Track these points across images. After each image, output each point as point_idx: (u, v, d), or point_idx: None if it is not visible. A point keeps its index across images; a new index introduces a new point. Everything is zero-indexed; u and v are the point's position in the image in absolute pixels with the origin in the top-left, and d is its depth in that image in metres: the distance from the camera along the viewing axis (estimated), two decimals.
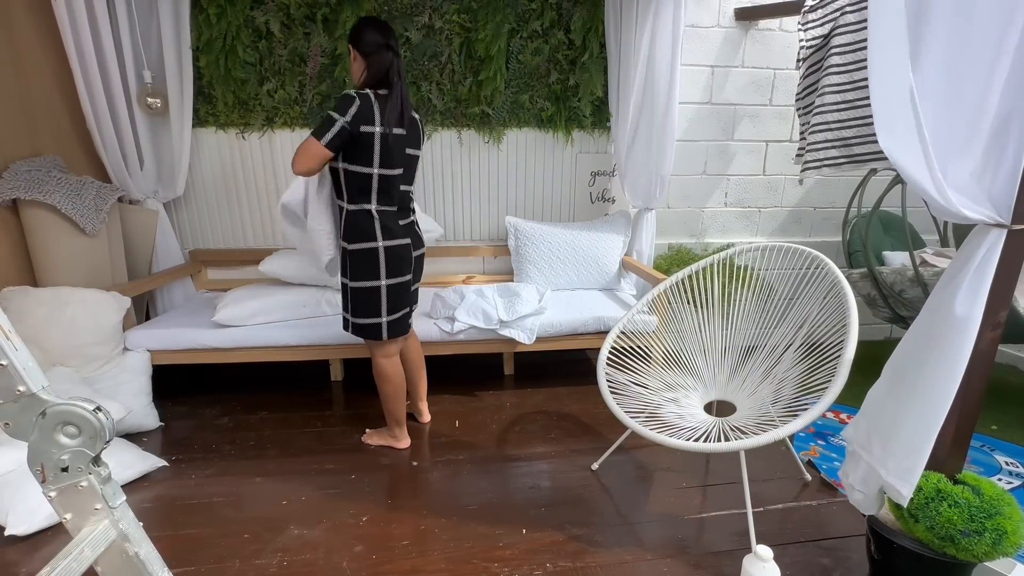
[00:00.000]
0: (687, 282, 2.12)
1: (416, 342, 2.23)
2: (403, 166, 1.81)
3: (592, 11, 2.75)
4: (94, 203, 2.23)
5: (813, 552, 1.59)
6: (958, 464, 1.37)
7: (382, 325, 1.88)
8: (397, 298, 1.88)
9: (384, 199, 1.80)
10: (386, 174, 1.77)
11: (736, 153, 3.10)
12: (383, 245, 1.79)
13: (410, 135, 1.82)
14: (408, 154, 1.83)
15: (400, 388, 2.04)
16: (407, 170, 1.85)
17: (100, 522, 0.79)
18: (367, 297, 1.84)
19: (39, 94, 2.28)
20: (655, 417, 1.78)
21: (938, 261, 2.48)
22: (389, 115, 1.71)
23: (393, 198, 1.82)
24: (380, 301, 1.84)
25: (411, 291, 1.96)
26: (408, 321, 1.99)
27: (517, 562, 1.54)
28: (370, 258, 1.80)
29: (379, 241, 1.79)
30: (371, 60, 1.74)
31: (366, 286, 1.82)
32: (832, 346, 1.62)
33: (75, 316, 2.06)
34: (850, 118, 2.11)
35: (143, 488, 1.88)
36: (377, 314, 1.86)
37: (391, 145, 1.74)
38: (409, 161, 1.84)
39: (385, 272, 1.81)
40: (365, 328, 1.89)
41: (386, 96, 1.73)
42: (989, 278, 1.15)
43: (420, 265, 2.00)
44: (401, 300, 1.90)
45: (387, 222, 1.81)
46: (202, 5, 2.52)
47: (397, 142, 1.76)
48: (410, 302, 1.98)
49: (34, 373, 0.74)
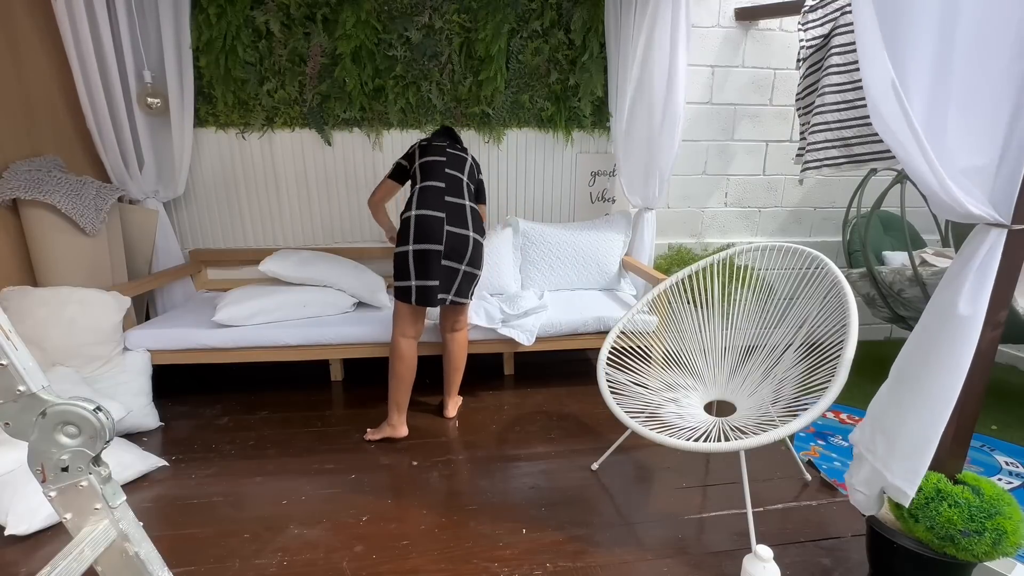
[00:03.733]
0: (687, 282, 2.12)
1: (463, 337, 2.29)
2: (443, 180, 2.10)
3: (592, 11, 2.75)
4: (94, 203, 2.23)
5: (813, 552, 1.59)
6: (958, 464, 1.37)
7: (411, 288, 2.02)
8: (425, 265, 2.01)
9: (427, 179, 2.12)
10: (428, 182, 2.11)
11: (736, 153, 3.10)
12: (415, 214, 2.01)
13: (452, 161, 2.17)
14: (448, 173, 2.13)
15: (407, 371, 2.11)
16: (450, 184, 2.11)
17: (100, 522, 0.79)
18: (400, 261, 2.03)
19: (39, 94, 2.28)
20: (655, 417, 1.78)
21: (938, 261, 2.48)
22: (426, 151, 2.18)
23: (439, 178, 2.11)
24: (408, 265, 2.01)
25: (443, 265, 2.04)
26: (439, 295, 2.06)
27: (517, 562, 1.54)
28: (404, 227, 2.03)
29: (412, 210, 2.02)
30: None
31: (399, 251, 2.03)
32: (832, 346, 1.62)
33: (75, 316, 2.06)
34: (850, 118, 2.11)
35: (143, 488, 1.88)
36: (407, 276, 2.02)
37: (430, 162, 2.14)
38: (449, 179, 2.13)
39: (413, 238, 2.00)
40: (399, 291, 2.05)
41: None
42: (991, 278, 1.15)
43: (462, 244, 2.06)
44: (428, 268, 2.01)
45: (424, 195, 2.05)
46: (202, 5, 2.52)
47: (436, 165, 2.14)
48: (439, 276, 2.04)
49: (34, 373, 0.74)
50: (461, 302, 2.16)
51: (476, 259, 2.14)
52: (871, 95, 1.14)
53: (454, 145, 2.24)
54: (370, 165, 2.89)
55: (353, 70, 2.68)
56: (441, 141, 2.22)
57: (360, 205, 2.95)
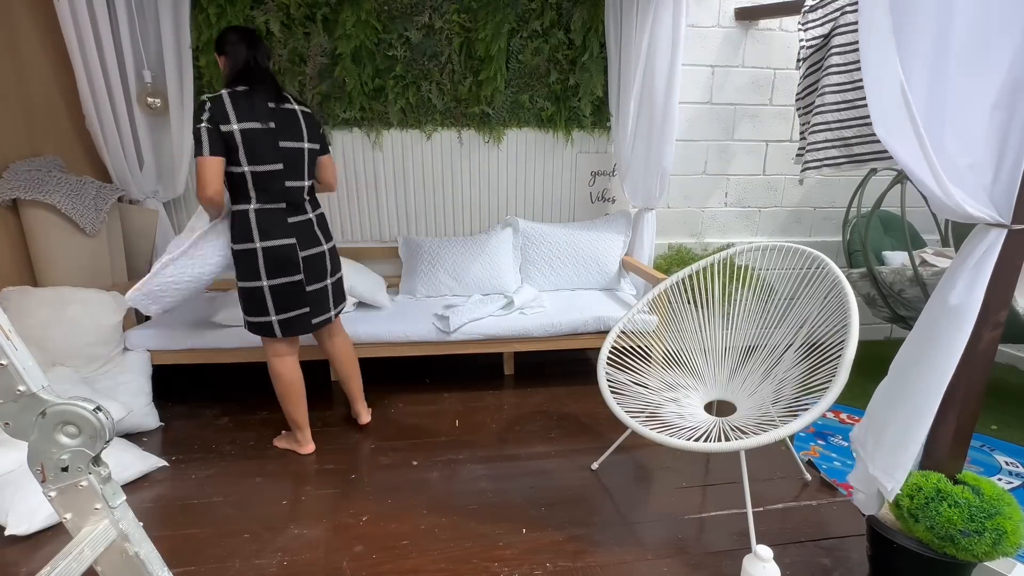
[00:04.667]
0: (687, 282, 2.12)
1: (344, 343, 2.17)
2: (281, 161, 1.77)
3: (592, 11, 2.75)
4: (94, 203, 2.23)
5: (813, 552, 1.59)
6: (958, 464, 1.37)
7: (272, 324, 1.86)
8: (285, 297, 1.84)
9: (264, 197, 1.77)
10: (259, 170, 1.74)
11: (736, 153, 3.10)
12: (261, 246, 1.77)
13: (282, 128, 1.77)
14: (284, 147, 1.77)
15: (292, 390, 1.98)
16: (289, 165, 1.79)
17: (100, 522, 0.79)
18: (252, 297, 1.83)
19: (39, 94, 2.28)
20: (655, 417, 1.78)
21: (938, 261, 2.48)
22: (244, 111, 1.69)
23: (276, 195, 1.79)
24: (265, 301, 1.82)
25: (308, 291, 1.89)
26: (312, 320, 1.93)
27: (517, 562, 1.54)
28: (250, 259, 1.78)
29: (256, 242, 1.77)
30: (228, 59, 1.76)
31: (250, 286, 1.81)
32: (832, 346, 1.61)
33: (75, 316, 2.06)
34: (850, 118, 2.10)
35: (143, 488, 1.88)
36: (265, 313, 1.84)
37: (255, 140, 1.70)
38: (289, 156, 1.79)
39: (265, 273, 1.79)
40: (257, 326, 1.87)
41: (244, 92, 1.71)
42: (986, 275, 1.15)
43: (320, 263, 1.92)
44: (291, 300, 1.85)
45: (265, 222, 1.77)
46: (202, 5, 2.52)
47: (263, 136, 1.72)
48: (308, 302, 1.90)
49: (34, 373, 0.74)
50: (341, 309, 2.08)
51: (336, 264, 2.01)
52: (877, 98, 1.13)
53: (279, 96, 1.79)
54: (370, 165, 2.89)
55: (353, 70, 2.68)
56: (259, 94, 1.73)
57: (360, 205, 2.95)
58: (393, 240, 3.02)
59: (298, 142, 1.82)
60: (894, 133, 1.12)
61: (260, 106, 1.72)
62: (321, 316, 1.97)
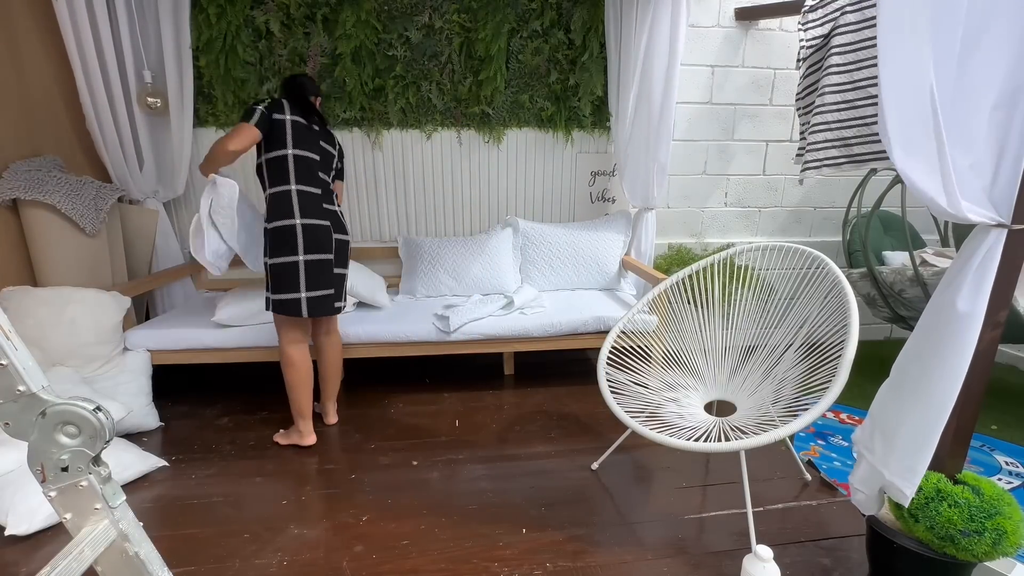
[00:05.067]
0: (687, 282, 2.12)
1: (338, 341, 2.22)
2: (319, 154, 1.97)
3: (592, 11, 2.75)
4: (94, 203, 2.23)
5: (813, 552, 1.59)
6: (958, 464, 1.37)
7: (301, 300, 1.91)
8: (318, 274, 1.93)
9: (303, 179, 1.91)
10: (301, 155, 1.90)
11: (736, 153, 3.10)
12: (301, 222, 1.88)
13: (323, 135, 2.02)
14: (322, 146, 1.99)
15: (304, 377, 2.04)
16: (323, 160, 1.99)
17: (100, 522, 0.79)
18: (286, 272, 1.89)
19: (39, 94, 2.28)
20: (655, 417, 1.78)
21: (938, 261, 2.48)
22: (296, 112, 1.92)
23: (312, 180, 1.93)
24: (298, 276, 1.89)
25: (335, 273, 2.00)
26: (334, 304, 2.02)
27: (517, 562, 1.54)
28: (288, 235, 1.87)
29: (297, 219, 1.88)
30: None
31: (285, 261, 1.88)
32: (832, 346, 1.61)
33: (75, 316, 2.06)
34: (850, 118, 2.11)
35: (143, 488, 1.88)
36: (296, 288, 1.90)
37: (301, 131, 1.91)
38: (324, 153, 2.00)
39: (303, 247, 1.88)
40: (285, 304, 1.92)
41: (300, 110, 1.95)
42: (991, 278, 1.15)
43: (345, 250, 2.06)
44: (322, 278, 1.94)
45: (305, 201, 1.90)
46: (202, 5, 2.52)
47: (307, 131, 1.93)
48: (334, 284, 2.00)
49: (34, 373, 0.74)
50: (343, 307, 2.13)
51: (348, 259, 2.14)
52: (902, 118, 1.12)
53: (323, 120, 2.06)
54: (370, 165, 2.89)
55: (353, 70, 2.68)
56: (314, 117, 1.99)
57: (360, 205, 2.95)
58: (393, 240, 3.02)
59: (331, 147, 2.07)
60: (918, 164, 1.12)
61: (309, 116, 1.96)
62: (339, 302, 2.07)
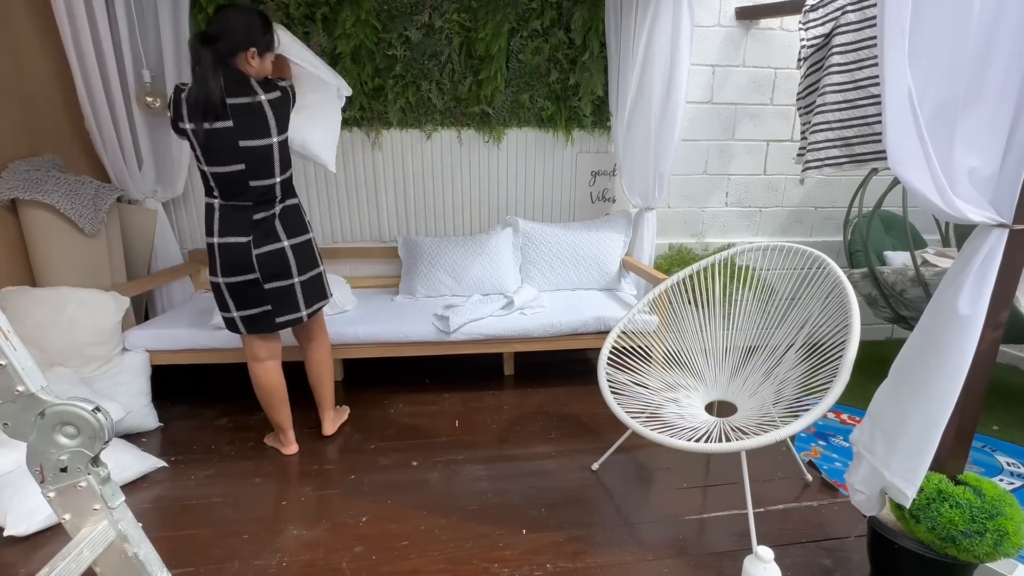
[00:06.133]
0: (688, 282, 2.11)
1: (320, 348, 2.11)
2: (242, 161, 1.66)
3: (592, 10, 2.74)
4: (93, 203, 2.22)
5: (814, 553, 1.59)
6: (959, 465, 1.37)
7: (235, 320, 1.85)
8: (242, 295, 1.80)
9: (229, 196, 1.73)
10: (220, 171, 1.66)
11: (737, 153, 3.10)
12: (217, 242, 1.75)
13: (240, 125, 1.63)
14: (245, 147, 1.65)
15: (272, 394, 1.97)
16: (253, 164, 1.68)
17: (99, 522, 0.79)
18: (216, 291, 1.83)
19: (38, 94, 2.28)
20: (656, 417, 1.78)
21: (939, 261, 2.48)
22: (192, 110, 1.61)
23: (243, 194, 1.73)
24: (225, 297, 1.82)
25: (267, 289, 1.80)
26: (276, 319, 1.86)
27: (517, 562, 1.54)
28: (211, 253, 1.78)
29: (215, 237, 1.75)
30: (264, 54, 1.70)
31: (213, 281, 1.82)
32: (833, 346, 1.61)
33: (74, 316, 2.06)
34: (851, 117, 2.10)
35: (142, 489, 1.87)
36: (227, 308, 1.84)
37: (212, 140, 1.62)
38: (251, 154, 1.67)
39: (220, 270, 1.78)
40: (225, 321, 1.89)
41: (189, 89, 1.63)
42: (992, 278, 1.15)
43: (280, 260, 1.80)
44: (249, 298, 1.81)
45: (226, 219, 1.74)
46: (201, 5, 2.51)
47: (220, 136, 1.62)
48: (268, 300, 1.82)
49: (33, 373, 0.74)
50: (319, 308, 1.99)
51: (308, 260, 1.88)
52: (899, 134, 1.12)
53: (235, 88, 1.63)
54: (370, 165, 2.89)
55: (353, 69, 2.67)
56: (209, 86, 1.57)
57: (360, 205, 2.94)
58: (393, 240, 3.01)
59: (257, 139, 1.68)
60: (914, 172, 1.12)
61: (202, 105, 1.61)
62: (287, 315, 1.88)
